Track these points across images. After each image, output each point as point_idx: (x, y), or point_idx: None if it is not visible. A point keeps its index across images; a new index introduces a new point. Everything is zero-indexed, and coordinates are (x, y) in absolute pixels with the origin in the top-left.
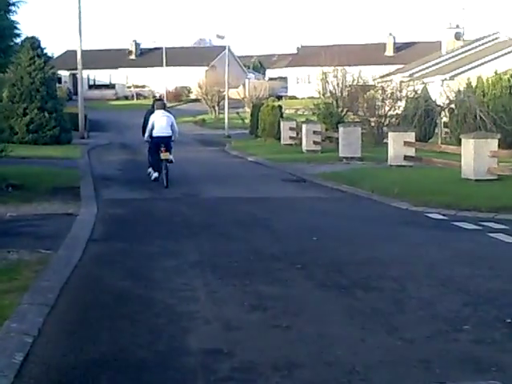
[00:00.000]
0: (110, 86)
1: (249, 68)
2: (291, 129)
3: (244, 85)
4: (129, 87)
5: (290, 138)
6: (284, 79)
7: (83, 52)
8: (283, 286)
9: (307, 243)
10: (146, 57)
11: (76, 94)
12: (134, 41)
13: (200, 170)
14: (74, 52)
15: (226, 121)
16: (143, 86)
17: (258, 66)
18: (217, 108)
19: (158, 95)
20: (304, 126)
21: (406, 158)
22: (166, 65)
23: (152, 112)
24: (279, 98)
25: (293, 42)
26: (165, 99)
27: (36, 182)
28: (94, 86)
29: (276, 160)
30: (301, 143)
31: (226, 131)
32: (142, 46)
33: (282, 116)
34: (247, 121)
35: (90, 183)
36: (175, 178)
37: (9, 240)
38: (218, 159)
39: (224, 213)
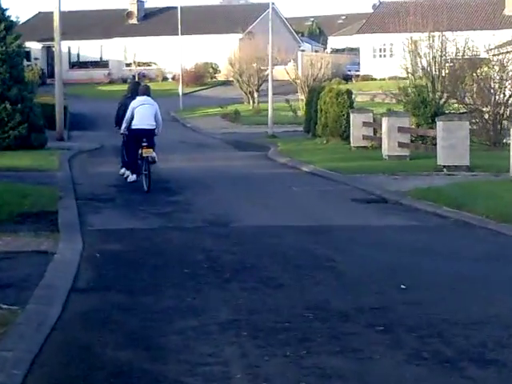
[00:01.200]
0: (102, 64)
1: (303, 35)
2: (366, 124)
3: (296, 60)
4: (128, 65)
5: (364, 137)
6: (354, 51)
7: (63, 14)
8: (357, 359)
9: (391, 294)
10: (153, 21)
11: (52, 75)
12: None
13: (231, 185)
14: (49, 15)
15: (270, 113)
16: (149, 64)
17: (317, 32)
18: (256, 94)
19: (136, 75)
20: (385, 121)
21: None
22: (182, 32)
23: (129, 98)
24: (347, 78)
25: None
26: (180, 81)
27: None
28: (77, 64)
29: (343, 170)
30: (380, 145)
31: (270, 128)
32: (146, 6)
33: (351, 106)
34: (301, 113)
35: (72, 206)
36: (195, 197)
37: None
38: (257, 169)
39: (267, 249)
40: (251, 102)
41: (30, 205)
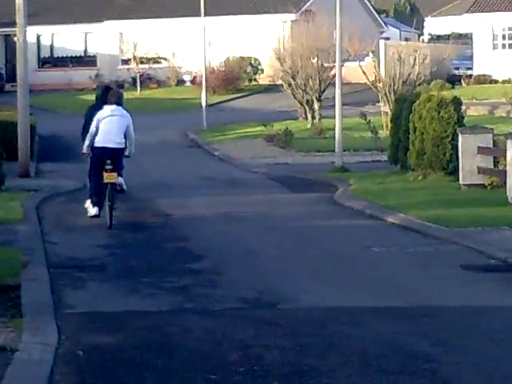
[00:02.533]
0: (86, 61)
1: (387, 15)
2: (482, 151)
3: (377, 53)
4: (125, 61)
5: (480, 170)
6: (464, 39)
7: None
8: None
9: None
10: None
11: (13, 79)
12: None
13: (280, 245)
14: None
15: (339, 134)
16: (157, 60)
17: (408, 10)
18: (317, 105)
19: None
20: (511, 145)
21: None
22: (206, 12)
23: (96, 107)
24: (454, 80)
25: None
26: (203, 86)
27: None
28: (51, 62)
29: (449, 221)
30: (504, 183)
31: (339, 158)
32: None
33: (460, 122)
34: (384, 133)
35: (42, 278)
36: (226, 264)
37: None
38: (319, 220)
39: (334, 344)
40: (309, 117)
41: None
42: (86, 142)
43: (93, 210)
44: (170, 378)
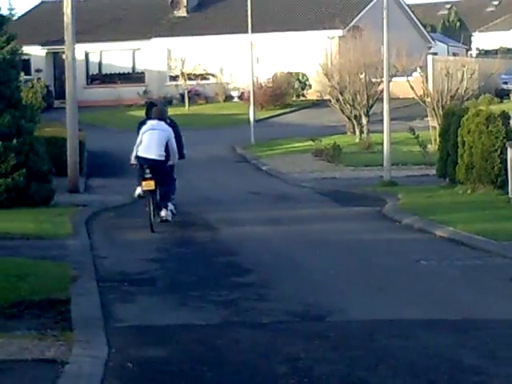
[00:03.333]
0: (135, 78)
1: (435, 31)
2: None
3: (424, 68)
4: (174, 78)
5: None
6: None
7: (79, 5)
8: None
9: None
10: (210, 12)
11: (62, 96)
12: None
13: (328, 258)
14: (57, 5)
15: (387, 149)
16: (205, 76)
17: (456, 25)
18: (365, 120)
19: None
20: None
21: None
22: (254, 29)
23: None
24: (503, 95)
25: None
26: (251, 102)
27: None
28: (99, 79)
29: (499, 235)
30: None
31: (387, 172)
32: None
33: (510, 136)
34: (433, 148)
35: (92, 292)
36: (275, 277)
37: None
38: (367, 234)
39: (385, 357)
40: (358, 131)
41: (29, 290)
42: (133, 153)
43: (137, 190)
44: None
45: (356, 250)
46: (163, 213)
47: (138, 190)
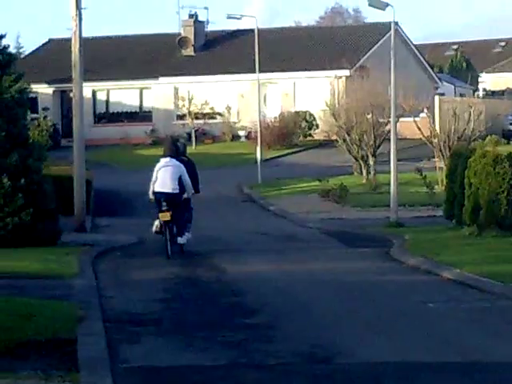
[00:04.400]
0: (142, 116)
1: (441, 71)
2: None
3: (431, 109)
4: (181, 117)
5: None
6: None
7: (86, 42)
8: None
9: None
10: (217, 51)
11: (69, 134)
12: (193, 17)
13: (335, 300)
14: (65, 43)
15: (394, 190)
16: (212, 115)
17: (463, 65)
18: (372, 161)
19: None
20: None
21: None
22: (261, 68)
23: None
24: (510, 136)
25: None
26: (259, 143)
27: None
28: (107, 117)
29: (505, 278)
30: None
31: (394, 213)
32: (208, 29)
33: None
34: (440, 189)
35: (98, 332)
36: (281, 318)
37: None
38: (374, 276)
39: None
40: (365, 172)
41: (35, 330)
42: (150, 190)
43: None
44: None
45: (362, 290)
46: (180, 240)
47: (156, 223)
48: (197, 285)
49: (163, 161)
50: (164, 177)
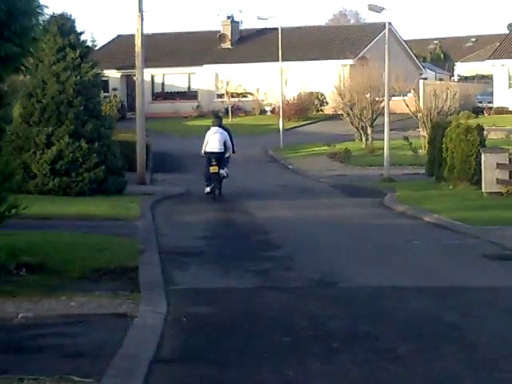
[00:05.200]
0: (190, 95)
1: (425, 61)
2: (500, 166)
3: (417, 90)
4: (220, 96)
5: (499, 181)
6: (486, 79)
7: (146, 38)
8: None
9: None
10: (249, 45)
11: (133, 109)
12: (230, 18)
13: (340, 238)
14: (130, 38)
15: (386, 153)
16: (244, 94)
17: (441, 56)
18: (369, 130)
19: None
20: None
21: None
22: (283, 58)
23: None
24: (478, 111)
25: (501, 17)
26: (281, 116)
27: (66, 259)
28: (162, 96)
29: (474, 221)
30: None
31: (387, 171)
32: (242, 27)
33: (483, 144)
34: (423, 152)
35: (154, 261)
36: (298, 252)
37: (22, 359)
38: (371, 219)
39: (383, 315)
40: (364, 139)
41: (106, 260)
42: (202, 149)
43: (206, 189)
44: (254, 339)
45: (361, 231)
46: (222, 172)
47: (207, 190)
48: (232, 225)
49: (213, 129)
50: (213, 141)
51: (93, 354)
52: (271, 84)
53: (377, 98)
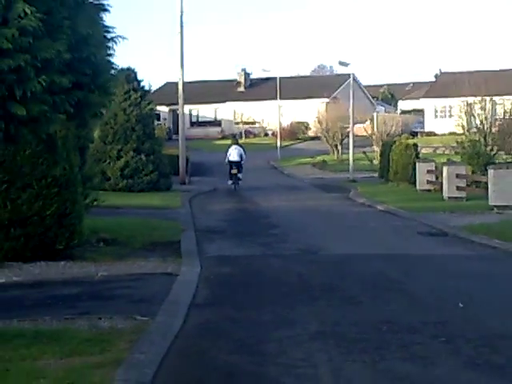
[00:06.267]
0: (215, 123)
1: (377, 99)
2: (429, 171)
3: (372, 119)
4: (237, 123)
5: (428, 182)
6: (419, 112)
7: (185, 84)
8: (423, 365)
9: (451, 311)
10: (257, 88)
11: (176, 132)
12: (243, 70)
13: (320, 221)
14: (175, 84)
15: (351, 162)
16: (253, 123)
17: (389, 96)
18: (339, 147)
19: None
20: (445, 169)
21: None
22: (280, 97)
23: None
24: (414, 134)
25: (430, 68)
26: (278, 137)
27: (131, 235)
28: (196, 123)
29: (411, 209)
30: (441, 189)
31: (351, 174)
32: (252, 77)
33: (417, 156)
34: (376, 162)
35: (191, 237)
36: (290, 230)
37: (100, 304)
38: (340, 208)
39: (348, 273)
40: (335, 153)
41: (158, 236)
42: (226, 159)
43: (229, 182)
44: (260, 290)
45: (333, 216)
46: (239, 175)
47: (229, 183)
48: (244, 212)
49: (233, 146)
50: (233, 154)
51: (149, 300)
52: (272, 115)
53: (344, 125)
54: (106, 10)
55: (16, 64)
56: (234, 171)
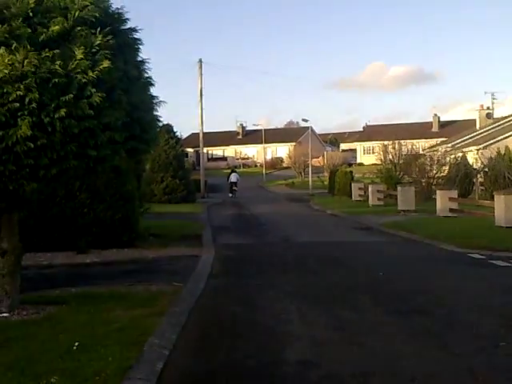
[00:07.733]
0: (223, 159)
1: (326, 142)
2: (360, 188)
3: (323, 155)
4: (237, 159)
5: (359, 195)
6: (353, 151)
7: (203, 134)
8: (359, 311)
9: (375, 277)
10: (250, 136)
11: (198, 165)
12: (241, 124)
13: (290, 221)
14: (197, 134)
15: (310, 183)
16: (247, 158)
17: (334, 141)
18: (303, 173)
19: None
20: (370, 187)
21: (450, 210)
22: (265, 142)
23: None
24: (350, 165)
25: (360, 122)
26: (264, 167)
27: (169, 231)
28: (211, 159)
29: (348, 212)
30: (368, 199)
31: (310, 191)
32: (247, 129)
33: (352, 179)
34: (326, 183)
35: (209, 232)
36: (272, 227)
37: (151, 275)
38: (303, 212)
39: (311, 254)
40: (300, 177)
41: (187, 231)
42: (228, 181)
43: (229, 195)
44: (253, 266)
45: (299, 217)
46: (235, 188)
47: (230, 195)
48: (242, 215)
49: (233, 173)
50: (232, 177)
51: (182, 272)
52: (259, 153)
53: (306, 159)
54: (152, 84)
55: (88, 126)
56: (233, 188)
